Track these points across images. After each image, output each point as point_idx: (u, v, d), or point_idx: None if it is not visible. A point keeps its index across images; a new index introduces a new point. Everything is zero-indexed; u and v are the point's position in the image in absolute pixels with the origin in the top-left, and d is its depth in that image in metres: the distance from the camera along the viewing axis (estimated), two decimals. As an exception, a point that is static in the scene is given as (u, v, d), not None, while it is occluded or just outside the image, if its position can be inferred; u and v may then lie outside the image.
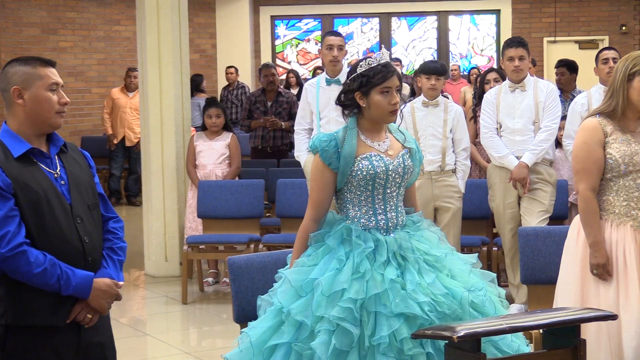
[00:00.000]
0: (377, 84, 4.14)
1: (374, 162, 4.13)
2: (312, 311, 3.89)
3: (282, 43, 19.60)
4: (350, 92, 4.19)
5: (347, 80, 4.23)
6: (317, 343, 3.81)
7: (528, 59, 7.48)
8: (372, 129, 4.22)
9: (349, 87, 4.19)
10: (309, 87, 7.95)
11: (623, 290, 4.58)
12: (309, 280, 3.98)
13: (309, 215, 4.19)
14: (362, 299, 3.89)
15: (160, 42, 9.23)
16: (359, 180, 4.13)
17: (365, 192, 4.15)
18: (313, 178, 4.20)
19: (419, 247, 4.13)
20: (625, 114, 4.69)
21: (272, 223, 9.34)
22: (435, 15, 19.29)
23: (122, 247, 3.95)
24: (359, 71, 4.18)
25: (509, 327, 3.60)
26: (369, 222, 4.14)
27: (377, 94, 4.15)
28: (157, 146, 9.25)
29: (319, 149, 4.13)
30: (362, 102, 4.16)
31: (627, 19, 18.55)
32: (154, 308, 8.37)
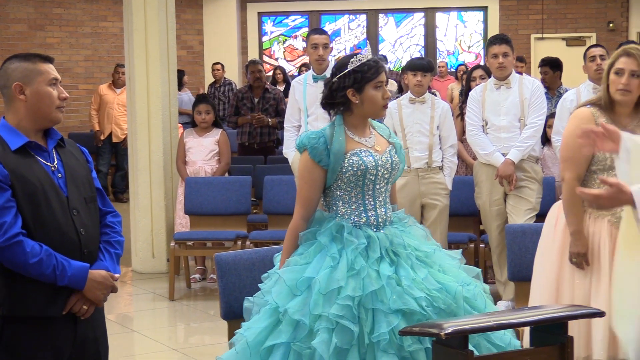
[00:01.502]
0: (372, 79, 4.14)
1: (363, 157, 4.13)
2: (309, 310, 3.87)
3: (269, 39, 19.58)
4: (342, 89, 4.15)
5: (334, 79, 4.19)
6: (318, 342, 3.79)
7: (512, 56, 7.48)
8: (359, 125, 4.22)
9: (341, 84, 4.15)
10: (296, 85, 7.96)
11: (595, 283, 4.61)
12: (304, 279, 3.96)
13: (299, 214, 4.18)
14: (360, 296, 3.89)
15: (148, 38, 9.22)
16: (349, 176, 4.12)
17: (355, 189, 4.15)
18: (302, 176, 4.18)
19: (409, 243, 4.14)
20: (615, 108, 4.71)
21: (259, 220, 9.33)
22: (423, 12, 19.30)
23: (119, 241, 3.99)
24: (350, 68, 4.15)
25: (497, 324, 3.60)
26: (360, 218, 4.14)
27: (372, 88, 4.15)
28: (144, 142, 9.23)
29: (308, 146, 4.12)
30: (355, 98, 4.14)
31: (614, 16, 18.59)
32: (141, 305, 8.36)
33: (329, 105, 4.23)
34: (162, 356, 6.86)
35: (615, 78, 4.66)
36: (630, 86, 4.62)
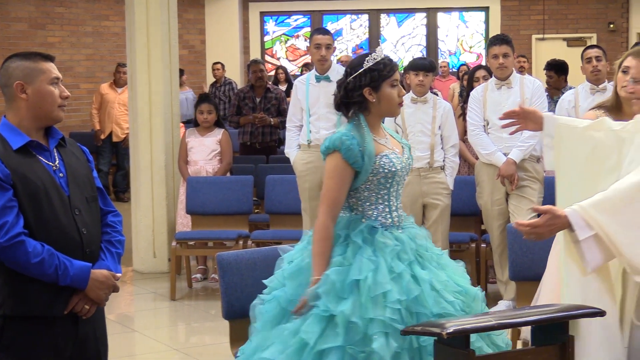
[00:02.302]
0: (388, 77, 4.12)
1: (392, 159, 4.12)
2: (360, 313, 3.84)
3: (271, 39, 19.59)
4: (358, 88, 4.12)
5: (350, 79, 4.15)
6: (379, 346, 3.76)
7: (513, 56, 7.50)
8: (375, 125, 4.20)
9: (357, 83, 4.12)
10: (298, 84, 7.97)
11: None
12: (351, 282, 3.91)
13: (327, 214, 4.05)
14: (405, 300, 3.88)
15: (150, 37, 9.22)
16: (379, 178, 4.09)
17: (383, 190, 4.12)
18: (331, 177, 4.07)
19: (428, 245, 4.16)
20: (623, 108, 4.69)
21: (261, 219, 9.33)
22: (425, 12, 19.30)
23: (120, 241, 3.99)
24: (365, 67, 4.12)
25: (498, 323, 3.60)
26: (386, 219, 4.11)
27: (388, 86, 4.13)
28: (146, 142, 9.23)
29: (342, 148, 4.03)
30: (372, 97, 4.11)
31: (614, 16, 18.59)
32: (142, 304, 8.36)
33: (344, 105, 4.19)
34: (163, 356, 6.87)
35: (622, 76, 4.64)
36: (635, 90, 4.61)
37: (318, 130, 7.74)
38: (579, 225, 3.71)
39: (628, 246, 3.70)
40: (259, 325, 4.03)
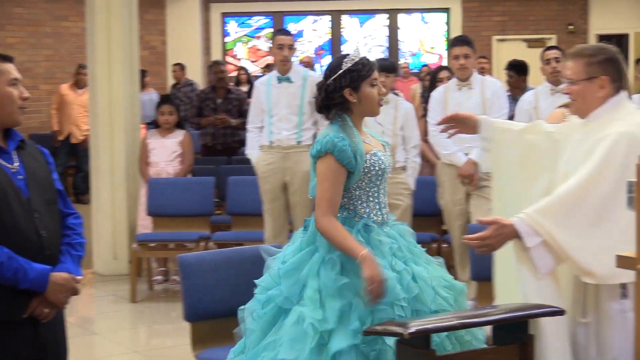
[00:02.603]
0: (367, 77, 4.14)
1: (381, 157, 4.16)
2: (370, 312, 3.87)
3: (232, 40, 19.55)
4: (339, 89, 4.13)
5: (329, 81, 4.15)
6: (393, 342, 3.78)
7: (474, 57, 7.54)
8: (359, 125, 4.22)
9: (337, 84, 4.13)
10: (259, 86, 7.96)
11: None
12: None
13: (327, 214, 4.02)
14: (407, 298, 3.91)
15: (110, 38, 9.17)
16: (370, 176, 4.11)
17: (373, 187, 4.15)
18: (326, 178, 4.05)
19: (414, 241, 4.22)
20: None
21: (222, 220, 9.31)
22: (386, 14, 19.34)
23: (80, 243, 3.96)
24: (344, 68, 4.14)
25: (460, 323, 3.62)
26: (377, 216, 4.13)
27: (368, 86, 4.15)
28: (107, 143, 9.18)
29: (335, 150, 4.03)
30: (352, 97, 4.13)
31: (574, 18, 18.75)
32: (103, 307, 8.31)
33: (325, 108, 4.19)
34: (123, 359, 6.83)
35: None
36: None
37: (279, 132, 7.74)
38: (526, 233, 3.78)
39: (576, 249, 3.77)
40: (256, 326, 4.00)
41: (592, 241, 3.77)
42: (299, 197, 7.72)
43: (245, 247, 5.14)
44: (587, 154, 3.89)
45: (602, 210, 3.78)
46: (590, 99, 4.04)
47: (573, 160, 3.97)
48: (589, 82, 4.03)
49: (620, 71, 4.09)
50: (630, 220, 3.66)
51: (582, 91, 4.05)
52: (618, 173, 3.78)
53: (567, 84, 4.11)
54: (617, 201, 3.75)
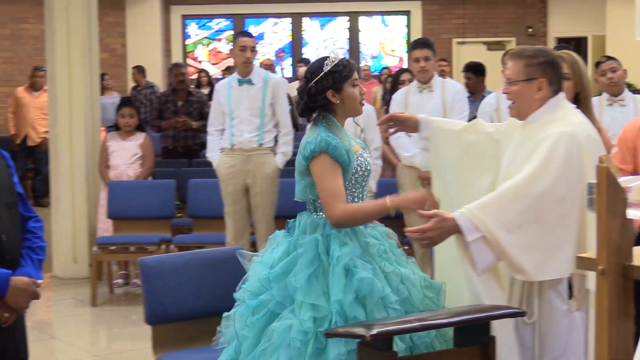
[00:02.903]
0: (349, 77, 4.17)
1: (366, 158, 4.20)
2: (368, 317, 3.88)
3: (193, 42, 19.48)
4: (321, 92, 4.14)
5: (311, 84, 4.16)
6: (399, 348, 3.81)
7: (434, 60, 7.58)
8: (342, 126, 4.25)
9: (319, 87, 4.14)
10: (220, 88, 7.93)
11: None
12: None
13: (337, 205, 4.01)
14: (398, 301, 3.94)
15: (70, 41, 9.10)
16: (357, 177, 4.15)
17: (359, 189, 4.18)
18: (325, 176, 4.05)
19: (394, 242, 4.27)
20: None
21: (183, 223, 9.27)
22: (347, 16, 19.38)
23: (41, 247, 3.92)
24: (325, 70, 4.15)
25: (421, 325, 3.63)
26: None
27: (350, 86, 4.18)
28: (66, 146, 9.12)
29: (329, 148, 4.03)
30: (335, 98, 4.15)
31: (533, 21, 18.90)
32: (62, 310, 8.25)
33: (308, 111, 4.20)
34: (84, 362, 6.79)
35: None
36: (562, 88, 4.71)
37: (241, 134, 7.72)
38: (467, 228, 3.82)
39: (511, 246, 3.81)
40: (249, 332, 3.96)
41: (525, 238, 3.82)
42: (261, 200, 7.72)
43: (206, 250, 5.12)
44: (529, 154, 3.94)
45: (539, 209, 3.83)
46: (528, 100, 4.10)
47: (515, 161, 4.03)
48: (527, 83, 4.09)
49: (559, 74, 4.16)
50: (566, 218, 3.80)
51: (520, 92, 4.10)
52: (557, 172, 3.85)
53: (506, 83, 4.15)
54: (554, 200, 3.83)
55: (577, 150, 3.88)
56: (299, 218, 4.20)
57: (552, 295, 3.98)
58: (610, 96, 7.34)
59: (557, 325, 3.97)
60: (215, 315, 4.85)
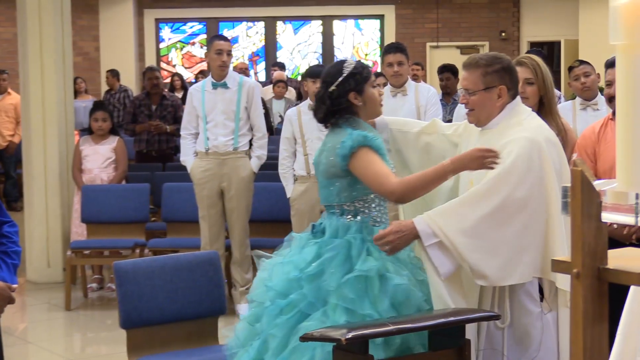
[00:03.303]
0: (368, 78, 4.22)
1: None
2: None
3: (166, 46, 19.44)
4: (344, 94, 4.17)
5: (332, 87, 4.19)
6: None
7: (407, 64, 7.60)
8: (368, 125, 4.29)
9: (342, 90, 4.17)
10: (194, 92, 7.92)
11: None
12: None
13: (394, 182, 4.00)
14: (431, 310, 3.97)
15: (43, 44, 9.06)
16: None
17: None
18: (371, 163, 4.04)
19: None
20: None
21: (158, 227, 9.25)
22: (320, 20, 19.40)
23: (16, 251, 3.90)
24: (345, 72, 4.19)
25: (396, 328, 3.64)
26: (386, 222, 4.18)
27: (370, 87, 4.23)
28: (40, 150, 9.07)
29: (367, 142, 4.06)
30: (357, 100, 4.19)
31: (506, 25, 19.00)
32: (36, 315, 8.21)
33: (331, 114, 4.22)
34: (58, 367, 6.76)
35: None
36: (527, 93, 4.74)
37: (216, 137, 7.71)
38: (424, 233, 3.86)
39: (471, 252, 3.84)
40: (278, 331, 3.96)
41: (487, 243, 3.85)
42: (236, 204, 7.71)
43: (180, 254, 5.11)
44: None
45: (502, 215, 3.86)
46: (490, 108, 4.14)
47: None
48: (487, 92, 4.13)
49: (515, 79, 4.22)
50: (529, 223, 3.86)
51: (480, 101, 4.14)
52: (520, 178, 3.89)
53: (464, 93, 4.17)
54: (517, 206, 3.87)
55: (538, 155, 3.93)
56: (327, 221, 4.20)
57: (524, 298, 4.01)
58: (583, 100, 7.39)
59: (531, 327, 4.01)
60: (190, 320, 4.85)
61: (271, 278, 4.11)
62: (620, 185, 2.12)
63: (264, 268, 4.24)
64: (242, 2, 18.92)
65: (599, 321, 2.14)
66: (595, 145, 4.83)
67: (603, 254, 2.15)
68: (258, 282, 4.19)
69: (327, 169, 4.15)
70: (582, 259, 2.13)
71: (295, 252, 4.18)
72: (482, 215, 3.83)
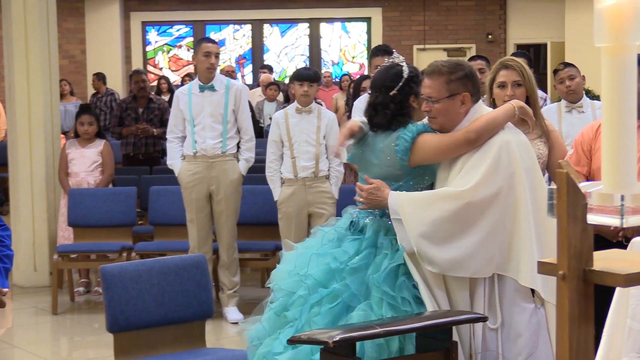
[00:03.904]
0: (421, 82, 4.26)
1: None
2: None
3: (153, 49, 19.41)
4: (406, 98, 4.23)
5: (394, 92, 4.23)
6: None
7: None
8: None
9: (404, 93, 4.23)
10: (180, 95, 7.90)
11: None
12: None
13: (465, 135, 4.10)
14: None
15: (28, 47, 9.03)
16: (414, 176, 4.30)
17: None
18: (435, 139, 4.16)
19: None
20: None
21: (145, 231, 9.23)
22: (307, 23, 19.40)
23: (8, 255, 3.90)
24: (406, 76, 4.23)
25: (384, 331, 3.64)
26: None
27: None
28: (26, 154, 9.05)
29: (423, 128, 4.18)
30: (415, 103, 4.26)
31: (493, 27, 19.04)
32: (23, 319, 8.18)
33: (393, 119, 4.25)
34: (45, 371, 6.74)
35: (500, 91, 4.81)
36: (516, 95, 4.76)
37: (204, 140, 7.69)
38: (392, 207, 4.07)
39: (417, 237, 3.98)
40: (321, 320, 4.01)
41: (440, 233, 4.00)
42: (224, 207, 7.70)
43: (168, 258, 5.11)
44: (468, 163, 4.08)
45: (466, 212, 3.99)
46: (454, 115, 4.20)
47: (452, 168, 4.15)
48: (450, 99, 4.17)
49: (477, 84, 4.29)
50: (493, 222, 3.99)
51: (444, 109, 4.18)
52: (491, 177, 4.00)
53: (427, 101, 4.19)
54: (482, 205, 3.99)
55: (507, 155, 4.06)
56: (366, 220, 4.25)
57: (516, 296, 4.04)
58: (568, 103, 7.41)
59: (526, 324, 4.03)
60: (177, 323, 4.84)
61: (302, 268, 4.15)
62: (605, 187, 2.13)
63: (285, 259, 4.31)
64: (229, 5, 18.91)
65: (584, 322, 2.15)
66: (592, 142, 4.85)
67: (589, 256, 2.16)
68: (281, 273, 4.27)
69: (384, 169, 4.21)
70: (568, 261, 2.13)
71: (332, 245, 4.22)
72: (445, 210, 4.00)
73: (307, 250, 4.26)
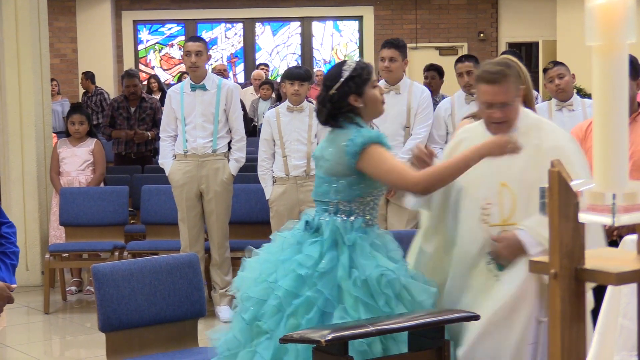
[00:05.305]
0: (368, 80, 4.22)
1: None
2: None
3: (145, 48, 19.38)
4: (344, 97, 4.19)
5: (332, 91, 4.21)
6: None
7: (401, 61, 7.47)
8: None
9: (342, 93, 4.19)
10: (172, 94, 7.89)
11: None
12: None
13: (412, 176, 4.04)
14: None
15: (19, 46, 9.02)
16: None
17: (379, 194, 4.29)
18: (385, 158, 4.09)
19: None
20: None
21: (136, 230, 9.22)
22: (299, 21, 19.40)
23: (15, 252, 3.93)
24: (345, 76, 4.20)
25: (376, 329, 3.64)
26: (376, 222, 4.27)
27: (370, 89, 4.23)
28: (17, 153, 9.03)
29: (376, 139, 4.11)
30: (358, 102, 4.20)
31: (484, 26, 19.05)
32: (15, 319, 8.16)
33: (332, 118, 4.24)
34: (37, 371, 6.73)
35: None
36: None
37: (195, 140, 7.69)
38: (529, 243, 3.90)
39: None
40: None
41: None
42: (215, 206, 7.69)
43: (160, 257, 5.10)
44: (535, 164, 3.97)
45: None
46: (518, 112, 4.14)
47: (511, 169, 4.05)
48: (518, 97, 4.12)
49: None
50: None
51: (515, 108, 4.12)
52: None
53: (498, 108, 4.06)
54: None
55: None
56: (321, 218, 4.22)
57: None
58: (559, 101, 7.41)
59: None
60: (169, 322, 4.84)
61: (270, 274, 4.10)
62: (597, 186, 2.13)
63: (249, 266, 4.22)
64: (221, 4, 18.90)
65: (576, 321, 2.15)
66: (582, 142, 4.87)
67: (580, 255, 2.16)
68: (247, 281, 4.16)
69: (333, 166, 4.17)
70: (560, 260, 2.14)
71: (292, 250, 4.17)
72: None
73: (270, 256, 4.19)
